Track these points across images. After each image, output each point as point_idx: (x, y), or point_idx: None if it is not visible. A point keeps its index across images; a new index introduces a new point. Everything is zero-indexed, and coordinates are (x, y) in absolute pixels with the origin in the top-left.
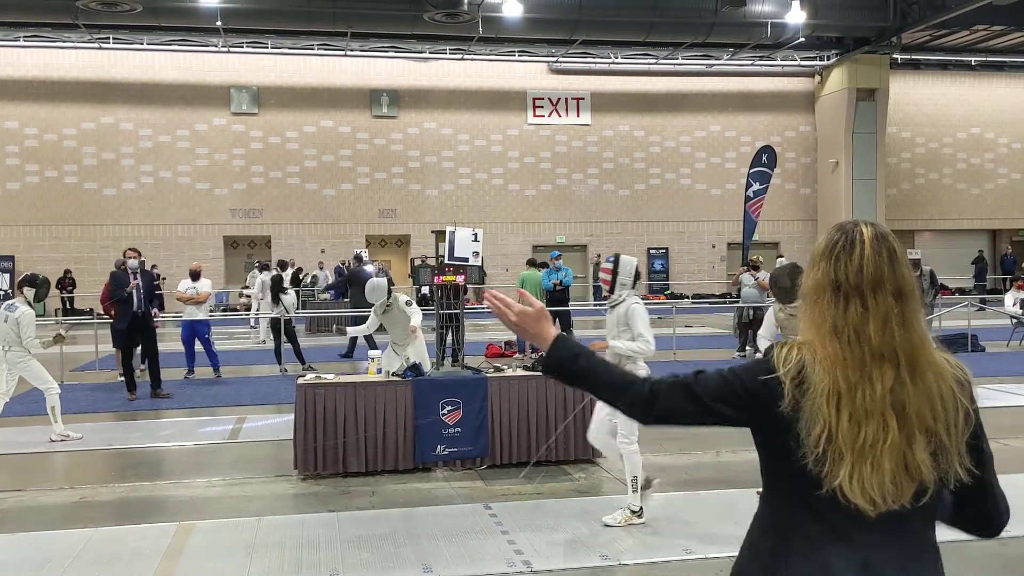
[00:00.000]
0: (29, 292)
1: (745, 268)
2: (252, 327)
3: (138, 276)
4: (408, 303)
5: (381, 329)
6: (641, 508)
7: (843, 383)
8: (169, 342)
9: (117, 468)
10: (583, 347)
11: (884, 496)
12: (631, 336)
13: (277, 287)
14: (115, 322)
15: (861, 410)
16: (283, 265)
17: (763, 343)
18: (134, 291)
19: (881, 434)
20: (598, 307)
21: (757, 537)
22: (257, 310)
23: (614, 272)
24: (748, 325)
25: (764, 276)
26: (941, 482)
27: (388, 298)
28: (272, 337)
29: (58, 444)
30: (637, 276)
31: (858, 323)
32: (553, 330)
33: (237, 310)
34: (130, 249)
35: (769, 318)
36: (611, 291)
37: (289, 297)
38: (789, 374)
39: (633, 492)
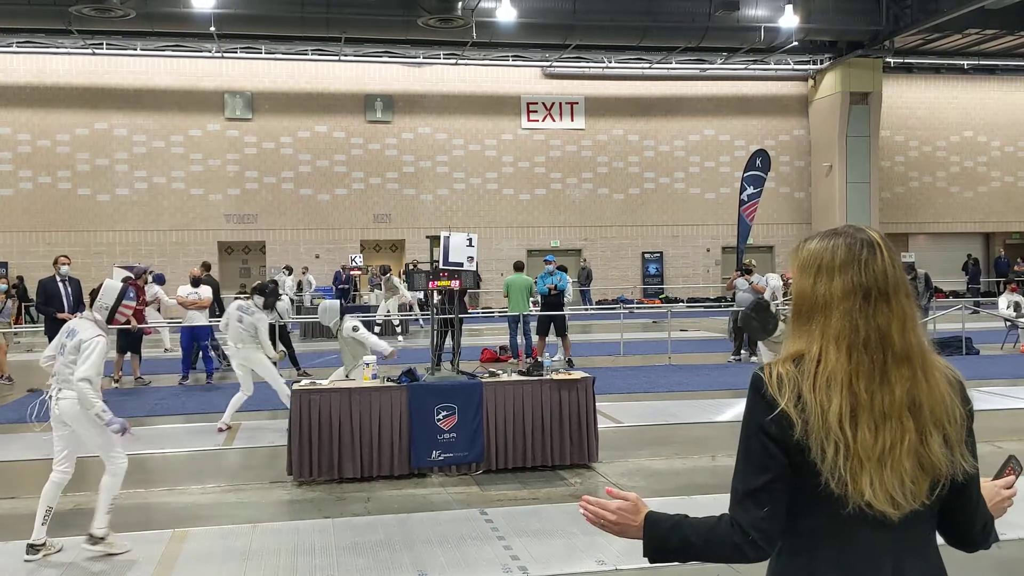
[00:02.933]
0: (259, 300)
1: (740, 273)
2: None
3: (67, 283)
4: (355, 328)
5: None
6: (46, 543)
7: (864, 395)
8: (154, 349)
9: None
10: (671, 518)
11: (905, 496)
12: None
13: (272, 293)
14: (46, 328)
15: (880, 415)
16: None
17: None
18: (63, 300)
19: (899, 436)
20: (592, 311)
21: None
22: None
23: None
24: (743, 329)
25: (757, 280)
26: (951, 476)
27: (341, 320)
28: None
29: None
30: (120, 298)
31: (885, 327)
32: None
33: None
34: (62, 256)
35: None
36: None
37: (283, 303)
38: (791, 402)
39: (43, 524)
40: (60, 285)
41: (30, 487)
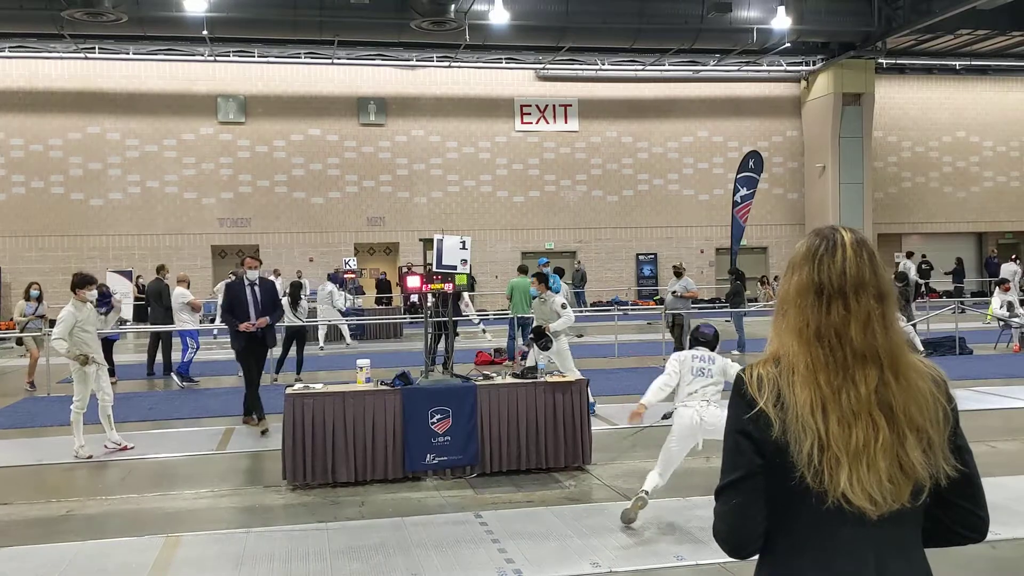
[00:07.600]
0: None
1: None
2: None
3: (256, 289)
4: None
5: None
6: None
7: (826, 389)
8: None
9: (103, 481)
10: None
11: (884, 495)
12: None
13: (295, 295)
14: (232, 341)
15: (848, 412)
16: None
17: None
18: (251, 308)
19: (872, 433)
20: (588, 313)
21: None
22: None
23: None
24: (671, 329)
25: (688, 284)
26: (933, 480)
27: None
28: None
29: (45, 457)
30: None
31: (840, 325)
32: None
33: None
34: (250, 258)
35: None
36: None
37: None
38: (769, 401)
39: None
40: (248, 290)
41: (22, 493)
